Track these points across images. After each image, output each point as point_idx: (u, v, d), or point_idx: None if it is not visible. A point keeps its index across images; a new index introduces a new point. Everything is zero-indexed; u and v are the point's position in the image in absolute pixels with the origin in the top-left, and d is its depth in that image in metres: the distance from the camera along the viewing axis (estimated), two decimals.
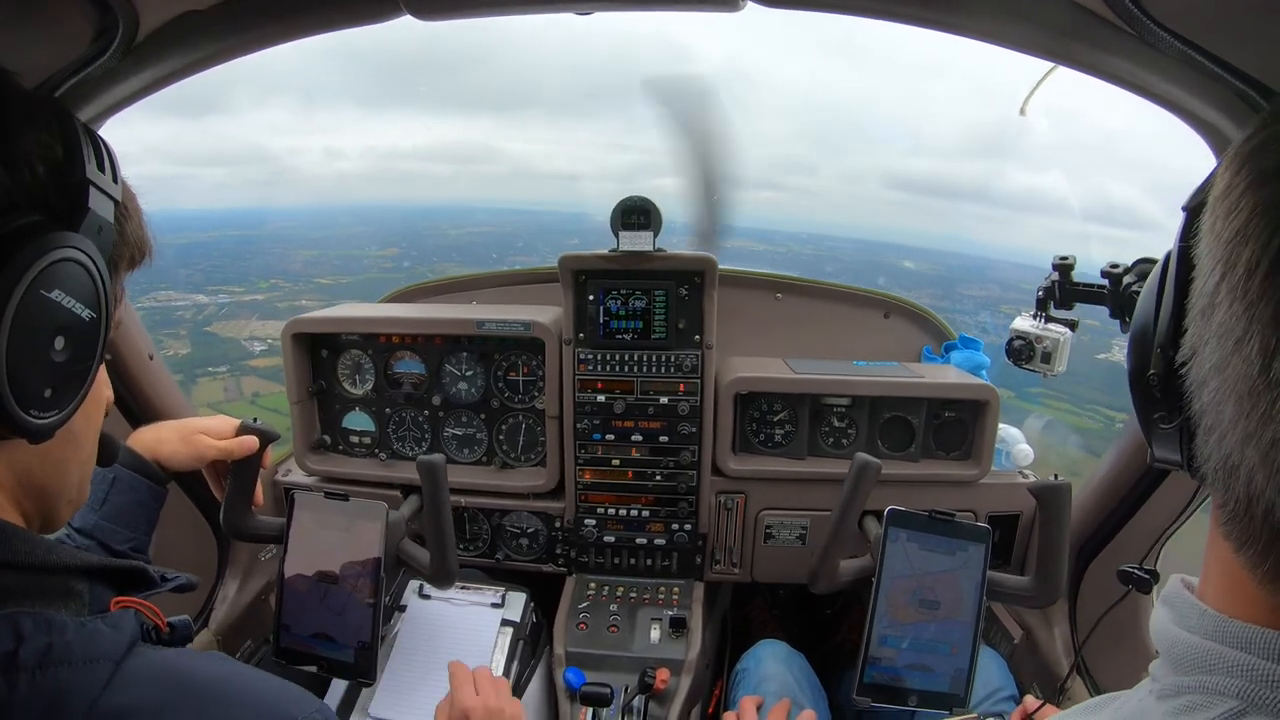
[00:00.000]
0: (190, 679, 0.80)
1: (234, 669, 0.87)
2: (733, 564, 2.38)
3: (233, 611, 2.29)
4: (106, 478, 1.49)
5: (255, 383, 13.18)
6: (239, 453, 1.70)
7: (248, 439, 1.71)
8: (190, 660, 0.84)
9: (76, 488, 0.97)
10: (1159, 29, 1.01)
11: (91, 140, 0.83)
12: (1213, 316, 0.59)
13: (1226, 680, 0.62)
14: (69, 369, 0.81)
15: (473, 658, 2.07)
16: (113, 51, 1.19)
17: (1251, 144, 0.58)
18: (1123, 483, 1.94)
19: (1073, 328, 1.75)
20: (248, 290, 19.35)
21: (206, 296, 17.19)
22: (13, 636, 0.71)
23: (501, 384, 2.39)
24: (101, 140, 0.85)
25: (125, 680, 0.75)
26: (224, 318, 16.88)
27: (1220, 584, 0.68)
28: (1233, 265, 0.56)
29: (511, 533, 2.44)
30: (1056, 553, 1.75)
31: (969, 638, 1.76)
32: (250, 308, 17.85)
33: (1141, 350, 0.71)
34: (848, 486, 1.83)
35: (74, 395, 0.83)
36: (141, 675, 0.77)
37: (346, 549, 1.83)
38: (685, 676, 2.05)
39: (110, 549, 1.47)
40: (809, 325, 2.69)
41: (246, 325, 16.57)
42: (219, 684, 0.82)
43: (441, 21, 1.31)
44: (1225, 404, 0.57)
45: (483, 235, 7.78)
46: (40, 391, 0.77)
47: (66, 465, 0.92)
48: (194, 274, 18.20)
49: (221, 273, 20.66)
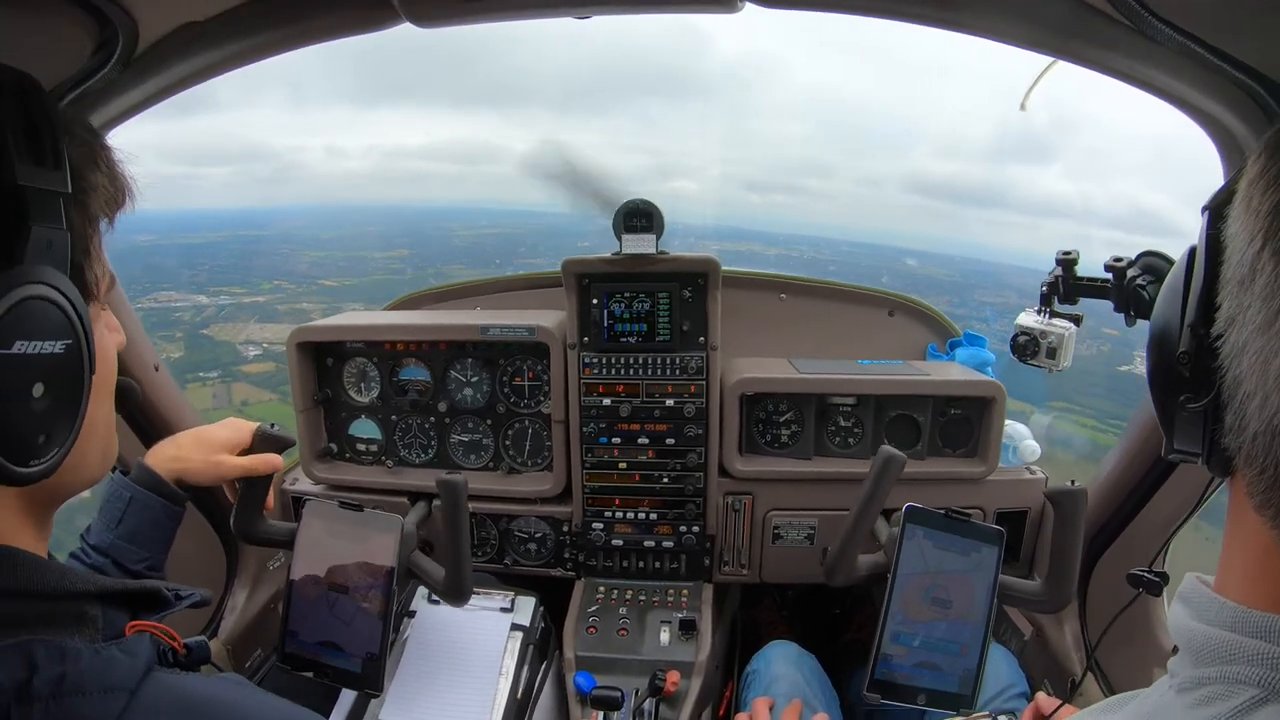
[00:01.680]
0: (207, 707, 0.79)
1: (250, 696, 0.86)
2: (741, 565, 2.38)
3: (242, 621, 2.29)
4: (123, 497, 1.48)
5: (245, 389, 13.07)
6: (264, 471, 1.70)
7: (272, 458, 1.70)
8: (205, 687, 0.82)
9: (99, 463, 0.93)
10: (1160, 22, 1.01)
11: (21, 122, 0.72)
12: (1254, 283, 0.60)
13: (1247, 669, 0.62)
14: (57, 407, 0.76)
15: (482, 663, 2.08)
16: (113, 64, 1.19)
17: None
18: (1130, 478, 1.94)
19: (1077, 322, 1.74)
20: (249, 292, 19.33)
21: (208, 298, 17.18)
22: (26, 666, 0.70)
23: (507, 389, 2.39)
24: (36, 113, 0.74)
25: (140, 709, 0.74)
26: (222, 320, 16.87)
27: (1246, 572, 0.68)
28: (1274, 232, 0.58)
29: (519, 538, 2.44)
30: (1070, 558, 1.74)
31: (979, 639, 1.75)
32: (250, 310, 17.84)
33: (1167, 334, 0.71)
34: (871, 480, 1.82)
35: (70, 425, 0.79)
36: (158, 705, 0.76)
37: (357, 559, 1.82)
38: (696, 679, 2.05)
39: (125, 567, 1.46)
40: (813, 325, 2.69)
41: (244, 329, 16.56)
42: (235, 711, 0.81)
43: (439, 29, 1.31)
44: (1274, 359, 0.58)
45: (491, 237, 7.72)
46: (33, 441, 0.73)
47: (84, 456, 0.88)
48: (198, 274, 18.20)
49: (226, 273, 20.65)
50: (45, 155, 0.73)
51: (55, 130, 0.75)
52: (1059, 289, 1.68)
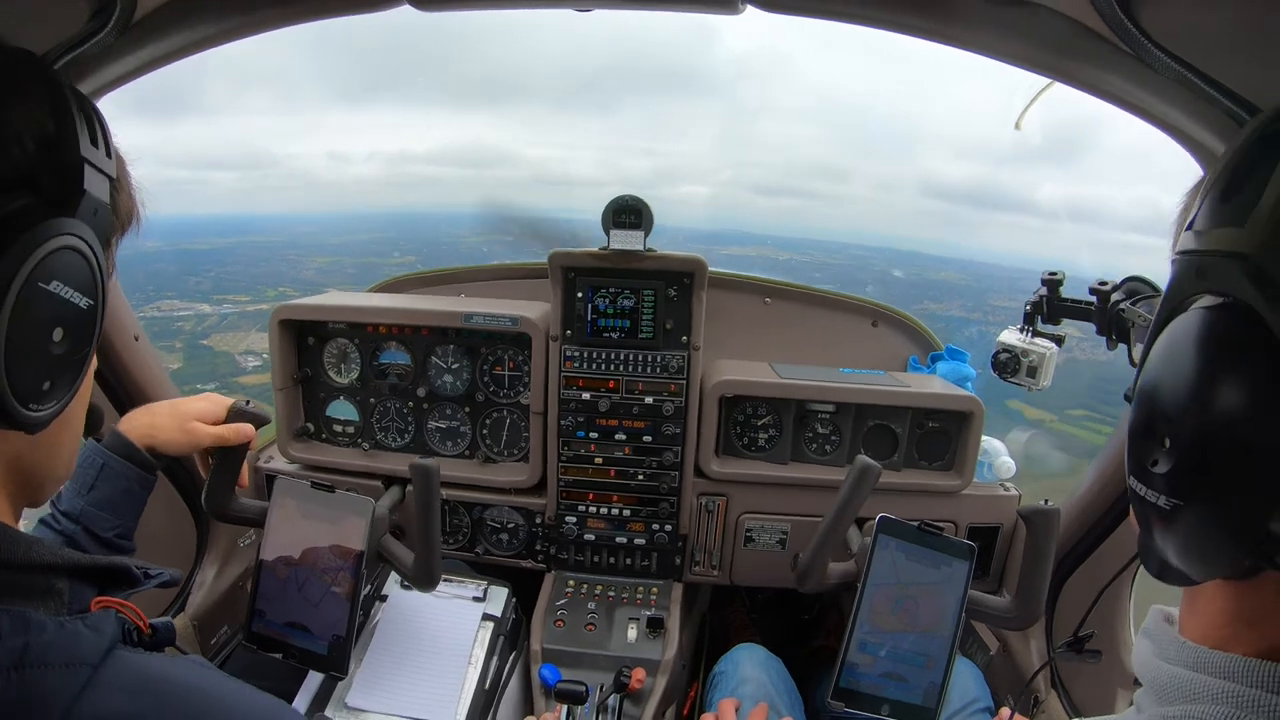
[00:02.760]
0: (168, 688, 0.78)
1: (213, 679, 0.85)
2: (712, 566, 2.38)
3: (210, 597, 2.27)
4: (95, 464, 1.47)
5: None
6: (235, 440, 1.69)
7: (245, 427, 1.69)
8: (169, 668, 0.82)
9: (66, 464, 0.96)
10: (1157, 49, 1.01)
11: (83, 111, 0.80)
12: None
13: (1211, 708, 0.63)
14: (67, 359, 0.80)
15: (452, 651, 2.07)
16: (110, 28, 1.17)
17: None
18: (1103, 500, 1.95)
19: (1059, 343, 1.75)
20: (254, 300, 19.14)
21: (210, 306, 16.97)
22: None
23: (487, 378, 2.38)
24: (93, 109, 0.82)
25: (103, 686, 0.73)
26: (224, 329, 16.67)
27: (1212, 620, 0.69)
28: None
29: (492, 527, 2.43)
30: (1040, 577, 1.74)
31: (945, 652, 1.76)
32: (253, 318, 17.66)
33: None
34: (847, 488, 1.82)
35: (71, 385, 0.82)
36: (119, 682, 0.75)
37: (328, 540, 1.81)
38: (661, 677, 2.05)
39: (95, 535, 1.45)
40: (796, 330, 2.69)
41: (244, 338, 16.37)
42: (197, 695, 0.80)
43: (440, 13, 1.30)
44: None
45: (507, 244, 7.76)
46: (39, 385, 0.76)
47: (59, 447, 0.91)
48: (203, 281, 18.00)
49: (231, 280, 20.42)
50: (99, 140, 0.81)
51: (105, 126, 0.83)
52: (1043, 309, 1.69)
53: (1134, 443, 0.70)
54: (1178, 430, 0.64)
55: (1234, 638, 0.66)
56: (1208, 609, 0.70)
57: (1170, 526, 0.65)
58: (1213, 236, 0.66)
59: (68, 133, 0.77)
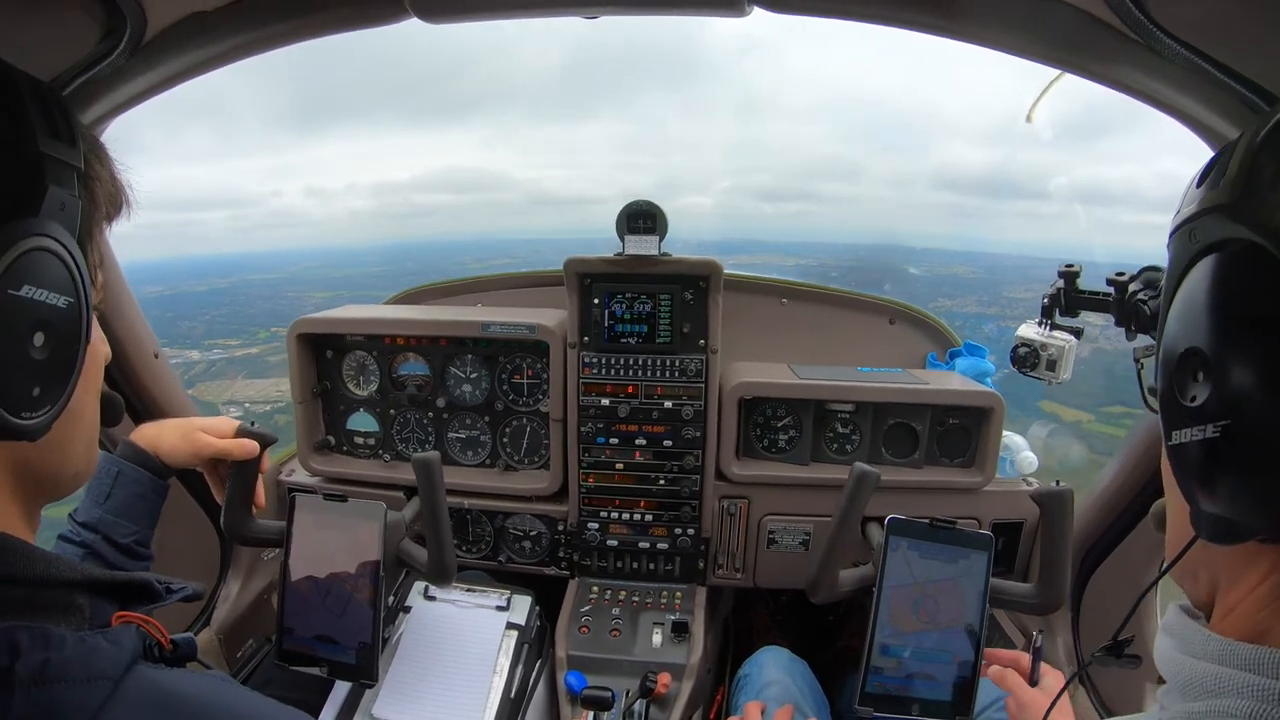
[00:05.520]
0: (188, 704, 0.78)
1: (234, 694, 0.84)
2: (735, 569, 2.38)
3: (235, 611, 2.29)
4: (111, 472, 1.49)
5: None
6: (237, 454, 1.69)
7: (246, 442, 1.70)
8: (190, 683, 0.81)
9: (83, 458, 0.94)
10: (1168, 38, 1.01)
11: (41, 102, 0.76)
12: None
13: (1238, 702, 0.62)
14: (53, 361, 0.77)
15: (477, 660, 2.07)
16: (120, 50, 1.19)
17: None
18: (1127, 490, 1.94)
19: (1078, 335, 1.74)
20: (243, 343, 19.00)
21: (200, 353, 16.82)
22: (9, 651, 0.69)
23: (506, 387, 2.39)
24: (53, 97, 0.79)
25: (123, 701, 0.73)
26: (211, 377, 16.55)
27: (1253, 605, 0.69)
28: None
29: (514, 535, 2.44)
30: (1059, 559, 1.74)
31: (972, 646, 1.75)
32: (240, 363, 17.54)
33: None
34: (845, 496, 1.82)
35: (63, 386, 0.80)
36: (140, 697, 0.75)
37: (347, 550, 1.83)
38: (687, 681, 2.05)
39: (114, 542, 1.46)
40: (814, 331, 2.69)
41: (230, 386, 16.19)
42: (217, 710, 0.79)
43: (447, 24, 1.31)
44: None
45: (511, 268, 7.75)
46: (27, 392, 0.75)
47: (68, 444, 0.89)
48: (196, 325, 17.91)
49: (224, 323, 20.30)
50: (61, 131, 0.78)
51: (68, 113, 0.80)
52: (1060, 301, 1.68)
53: (1168, 397, 0.69)
54: (1208, 357, 0.64)
55: (1273, 620, 0.65)
56: (1247, 593, 0.69)
57: (1222, 456, 0.64)
58: (1196, 203, 0.69)
59: (22, 131, 0.74)
